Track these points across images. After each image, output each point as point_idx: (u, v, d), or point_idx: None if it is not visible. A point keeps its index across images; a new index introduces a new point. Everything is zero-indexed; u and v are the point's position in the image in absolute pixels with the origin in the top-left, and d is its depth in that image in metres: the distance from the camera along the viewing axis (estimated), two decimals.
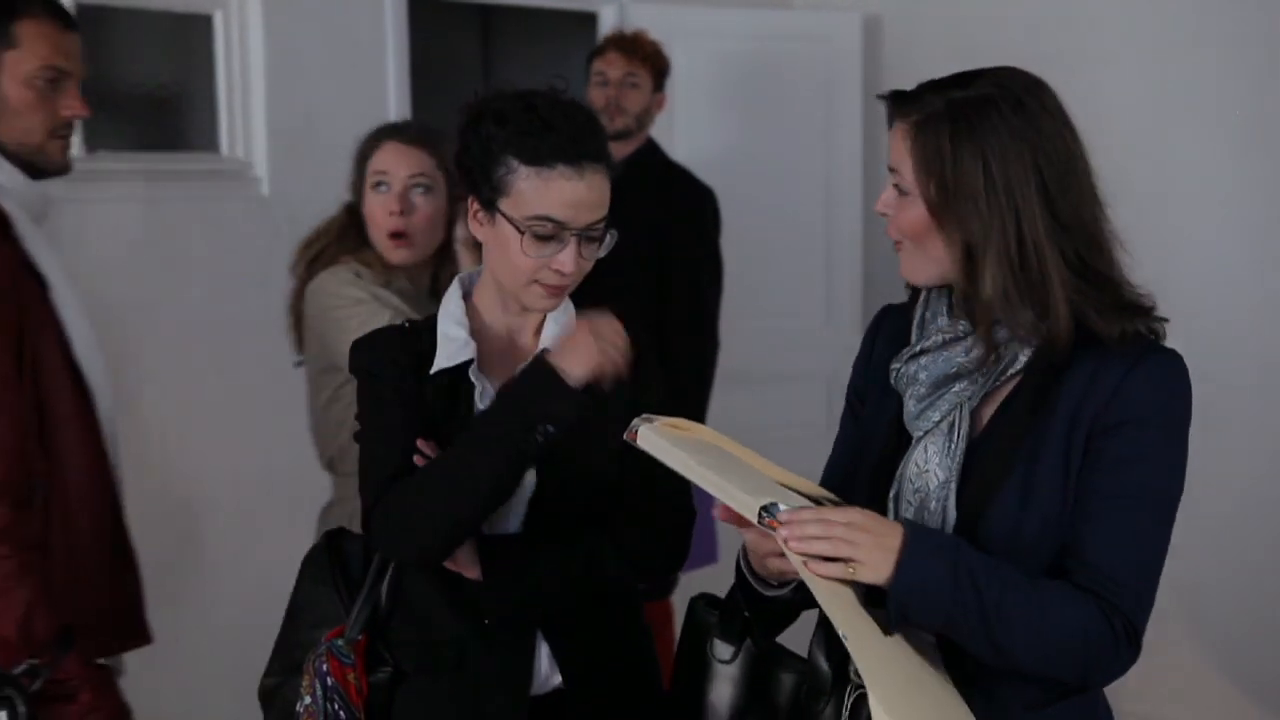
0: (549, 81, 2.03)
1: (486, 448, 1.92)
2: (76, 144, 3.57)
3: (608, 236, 2.01)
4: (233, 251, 3.81)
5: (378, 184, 2.85)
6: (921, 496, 1.71)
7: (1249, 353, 3.93)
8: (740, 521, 1.61)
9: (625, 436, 1.71)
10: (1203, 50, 3.97)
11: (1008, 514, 1.66)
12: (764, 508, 1.57)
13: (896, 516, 1.73)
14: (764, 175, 4.75)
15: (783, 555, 1.57)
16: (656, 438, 1.67)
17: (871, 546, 1.56)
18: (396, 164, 2.83)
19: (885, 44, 4.92)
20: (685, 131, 4.66)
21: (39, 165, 2.57)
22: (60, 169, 2.62)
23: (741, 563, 1.75)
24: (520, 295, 2.01)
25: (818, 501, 1.67)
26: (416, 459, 1.98)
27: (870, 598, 1.60)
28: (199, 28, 3.84)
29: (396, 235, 2.81)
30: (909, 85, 1.75)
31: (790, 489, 1.70)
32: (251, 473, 3.86)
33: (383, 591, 2.11)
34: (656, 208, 3.84)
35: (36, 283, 2.52)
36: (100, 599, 2.60)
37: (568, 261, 1.97)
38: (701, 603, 1.94)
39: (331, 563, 2.15)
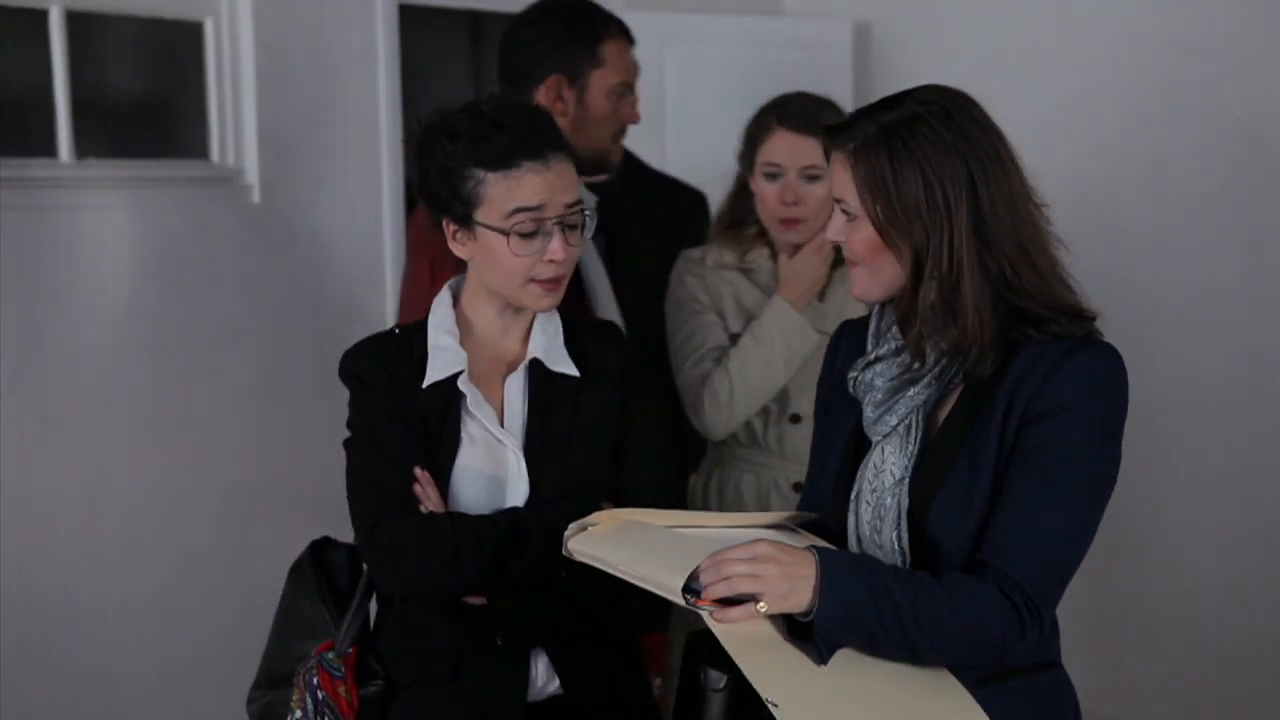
0: (487, 91, 2.08)
1: (519, 550, 1.94)
2: (65, 150, 3.57)
3: (588, 220, 2.02)
4: (223, 258, 3.81)
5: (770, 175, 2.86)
6: (878, 495, 1.78)
7: (1238, 355, 3.94)
8: None
9: (563, 552, 1.76)
10: (1192, 52, 3.97)
11: (954, 506, 1.73)
12: (685, 590, 1.62)
13: (857, 516, 1.80)
14: None
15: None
16: (585, 548, 1.73)
17: (780, 577, 1.62)
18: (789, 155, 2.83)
19: (875, 50, 4.92)
20: (677, 138, 4.66)
21: (600, 166, 2.89)
22: (614, 169, 2.95)
23: None
24: (519, 298, 2.02)
25: (779, 527, 1.76)
26: (416, 488, 1.97)
27: (794, 632, 1.65)
28: (189, 34, 3.84)
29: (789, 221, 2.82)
30: (898, 89, 1.82)
31: (745, 527, 1.77)
32: (242, 481, 3.85)
33: (372, 605, 2.11)
34: (657, 225, 3.61)
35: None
36: None
37: (558, 249, 1.99)
38: (699, 635, 1.96)
39: (317, 573, 2.14)
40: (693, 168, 4.24)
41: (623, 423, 2.09)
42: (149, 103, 3.98)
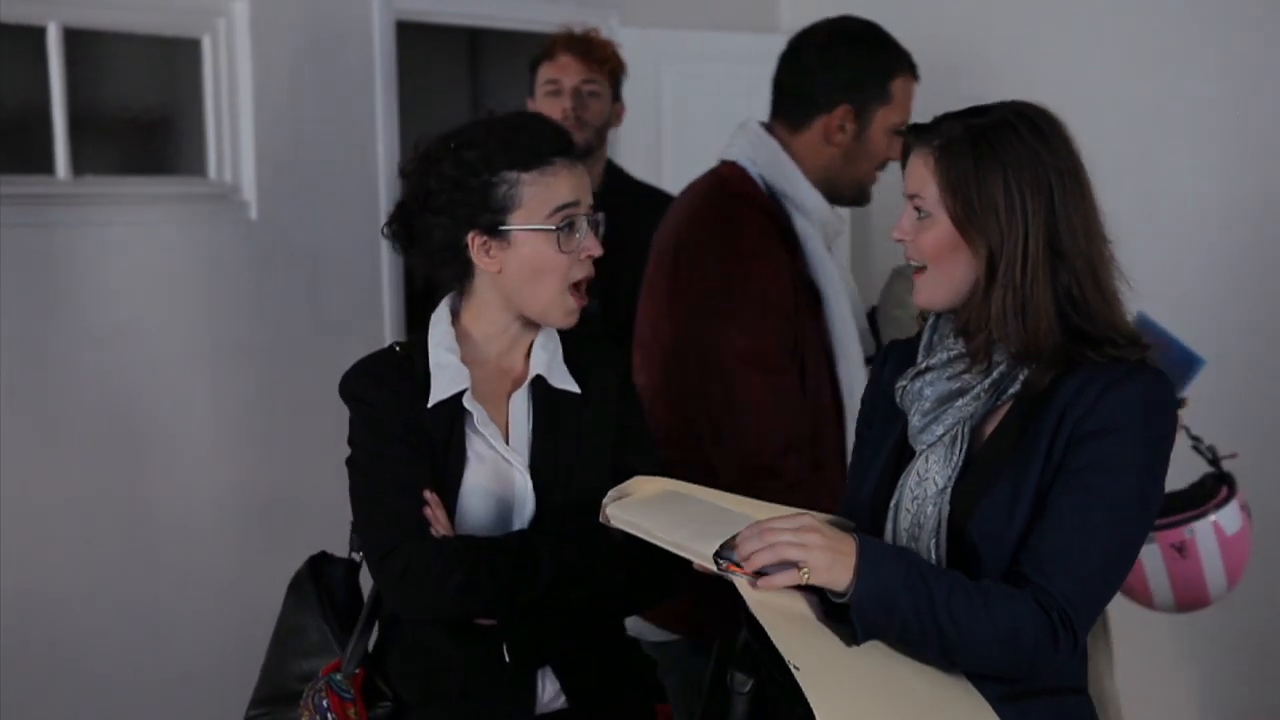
0: (483, 111, 2.07)
1: (532, 574, 1.94)
2: (63, 167, 3.58)
3: (599, 220, 2.04)
4: (221, 275, 3.81)
5: None
6: (919, 503, 1.79)
7: (1235, 373, 3.94)
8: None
9: (599, 519, 1.78)
10: (1189, 69, 3.98)
11: (995, 518, 1.73)
12: (718, 555, 1.63)
13: (895, 524, 1.81)
14: None
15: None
16: (623, 514, 1.76)
17: (823, 548, 1.63)
18: None
19: None
20: (673, 154, 4.67)
21: (857, 199, 2.80)
22: (868, 200, 2.84)
23: None
24: (550, 312, 2.02)
25: None
26: (425, 511, 1.97)
27: (829, 613, 1.67)
28: (187, 52, 3.85)
29: None
30: None
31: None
32: (241, 497, 3.85)
33: (376, 626, 2.10)
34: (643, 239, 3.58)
35: (810, 297, 2.70)
36: None
37: (594, 244, 2.01)
38: (728, 641, 1.97)
39: (317, 588, 2.13)
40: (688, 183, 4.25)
41: (620, 440, 2.10)
42: (147, 120, 3.98)
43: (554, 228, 1.96)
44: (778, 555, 1.63)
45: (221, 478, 3.81)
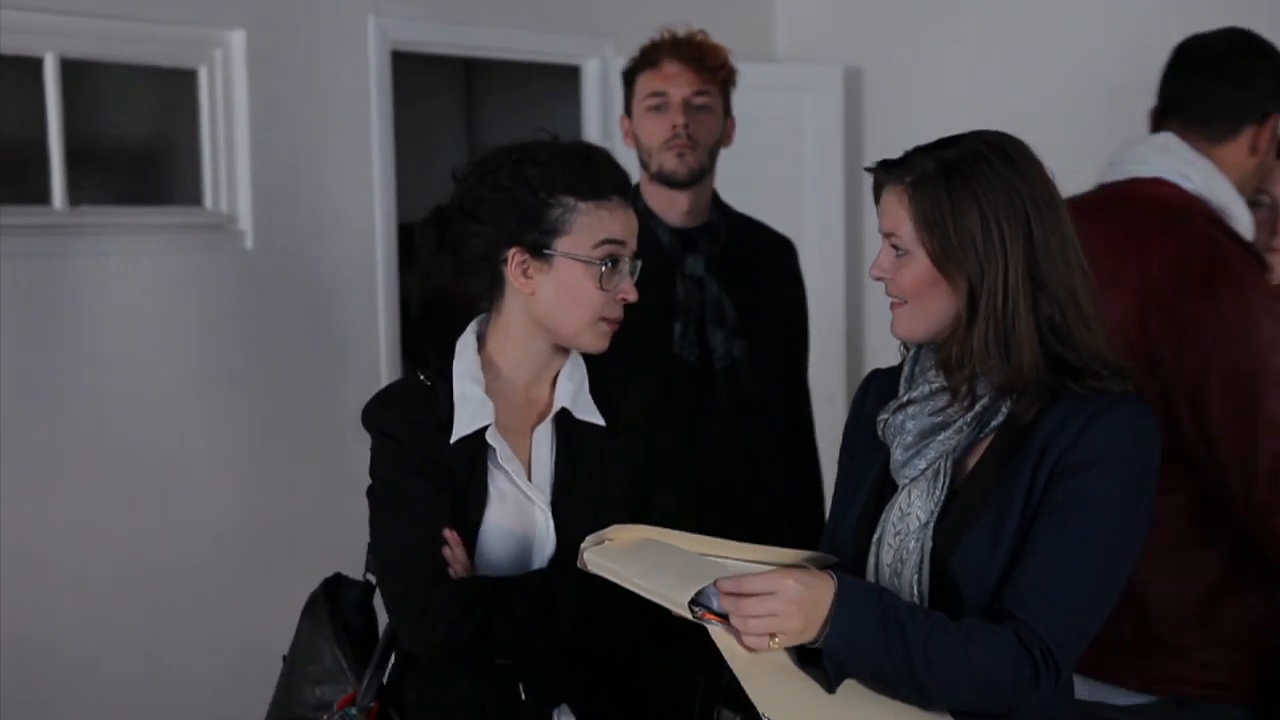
0: (539, 129, 2.03)
1: (551, 614, 1.93)
2: (59, 198, 3.58)
3: (638, 267, 2.02)
4: (217, 304, 3.81)
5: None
6: (901, 538, 1.77)
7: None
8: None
9: (578, 564, 1.76)
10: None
11: (978, 552, 1.71)
12: (692, 602, 1.62)
13: (877, 559, 1.79)
14: None
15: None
16: (601, 560, 1.74)
17: (795, 611, 1.62)
18: None
19: (866, 95, 4.96)
20: None
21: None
22: None
23: None
24: (581, 338, 2.00)
25: (797, 567, 1.72)
26: (445, 551, 1.95)
27: (804, 657, 1.65)
28: (184, 82, 3.86)
29: None
30: (890, 135, 1.82)
31: (764, 563, 1.75)
32: (239, 525, 3.84)
33: (393, 658, 2.08)
34: (772, 283, 3.05)
35: None
36: None
37: (630, 288, 1.99)
38: (714, 677, 1.96)
39: (331, 612, 2.11)
40: None
41: (645, 474, 2.06)
42: (143, 150, 3.99)
43: (598, 262, 1.95)
44: (748, 631, 1.62)
45: (218, 506, 3.80)
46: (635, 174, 2.64)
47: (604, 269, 1.95)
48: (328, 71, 4.01)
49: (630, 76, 2.97)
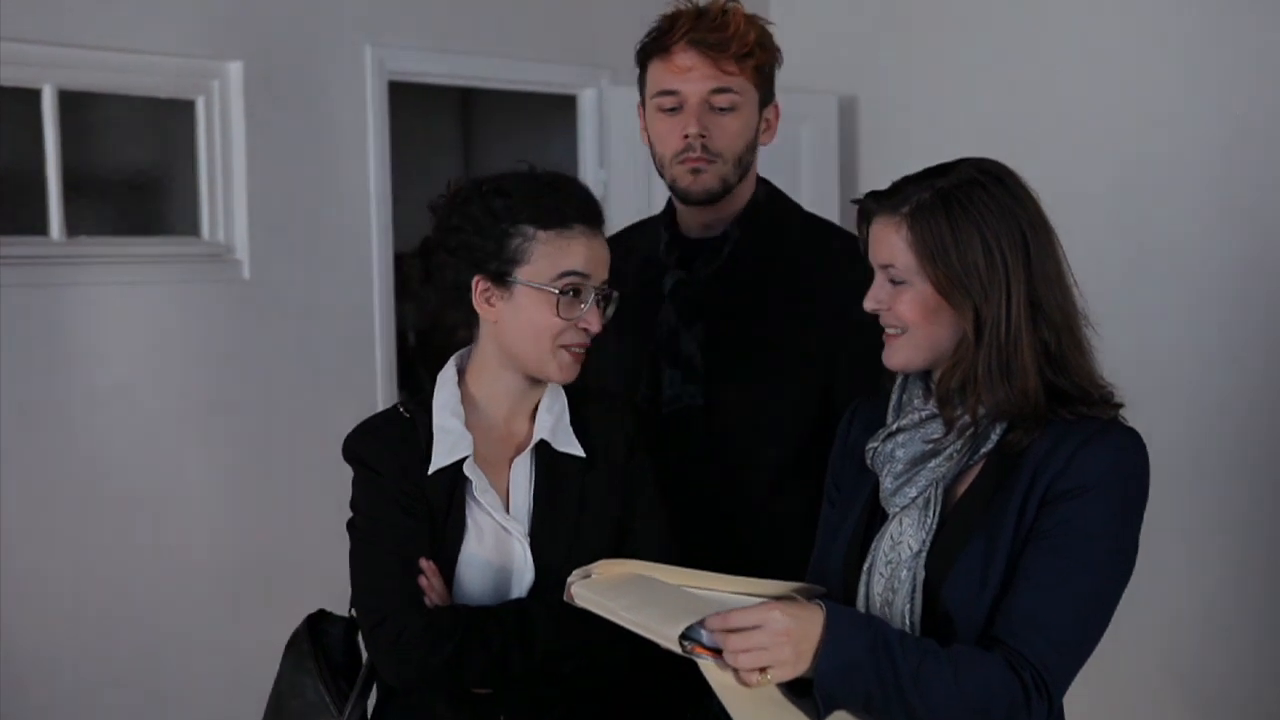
0: (519, 160, 2.05)
1: (528, 641, 1.92)
2: (56, 228, 3.59)
3: (613, 302, 2.03)
4: (214, 334, 3.82)
5: None
6: (893, 567, 1.76)
7: (1221, 432, 3.96)
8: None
9: (565, 598, 1.75)
10: (1175, 126, 4.02)
11: (969, 580, 1.71)
12: (682, 636, 1.61)
13: (868, 588, 1.78)
14: None
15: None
16: (589, 593, 1.73)
17: (784, 644, 1.61)
18: None
19: (861, 124, 4.98)
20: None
21: None
22: None
23: None
24: (544, 367, 2.00)
25: (785, 599, 1.71)
26: (421, 581, 1.96)
27: (795, 689, 1.64)
28: (181, 113, 3.87)
29: None
30: (885, 164, 1.80)
31: (752, 595, 1.74)
32: (235, 556, 3.83)
33: (375, 689, 2.08)
34: (793, 316, 2.31)
35: None
36: None
37: (595, 318, 1.99)
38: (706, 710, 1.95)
39: (315, 648, 2.12)
40: None
41: (625, 505, 2.07)
42: (140, 181, 4.00)
43: (556, 291, 1.96)
44: (739, 665, 1.60)
45: (215, 537, 3.80)
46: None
47: (561, 298, 1.96)
48: (325, 102, 4.03)
49: (642, 59, 2.38)
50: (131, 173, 3.96)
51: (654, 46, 2.33)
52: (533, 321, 1.98)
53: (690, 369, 2.28)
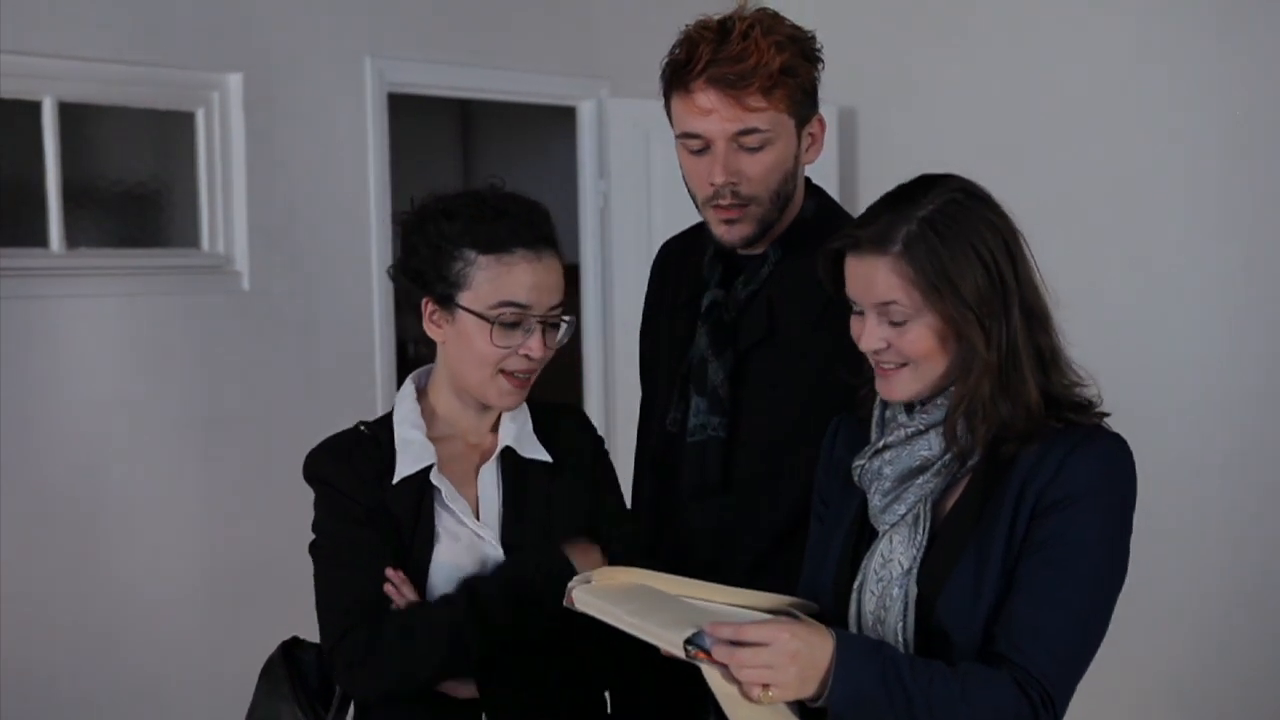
0: (487, 179, 2.03)
1: (482, 618, 1.91)
2: (56, 240, 3.59)
3: (565, 323, 2.01)
4: (214, 346, 3.82)
5: None
6: (884, 585, 1.75)
7: (1222, 440, 3.96)
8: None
9: (564, 603, 1.74)
10: (1175, 137, 4.03)
11: (962, 595, 1.70)
12: (688, 641, 1.60)
13: (859, 606, 1.77)
14: None
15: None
16: (590, 598, 1.72)
17: (790, 664, 1.59)
18: None
19: (860, 136, 4.98)
20: (664, 224, 4.69)
21: None
22: None
23: None
24: (485, 391, 1.99)
25: (783, 614, 1.71)
26: (387, 588, 1.94)
27: (805, 712, 1.64)
28: (181, 125, 3.88)
29: None
30: (884, 174, 1.77)
31: (748, 607, 1.74)
32: (231, 569, 3.83)
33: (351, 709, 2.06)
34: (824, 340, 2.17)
35: None
36: None
37: (536, 346, 1.97)
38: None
39: (290, 674, 2.10)
40: None
41: (594, 507, 2.07)
42: (140, 192, 4.01)
43: (491, 320, 1.95)
44: (742, 679, 1.59)
45: (214, 548, 3.80)
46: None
47: (495, 326, 1.95)
48: (325, 114, 4.03)
49: (665, 90, 2.18)
50: (131, 184, 3.96)
51: (675, 81, 2.13)
52: (470, 347, 1.97)
53: (715, 400, 2.19)
